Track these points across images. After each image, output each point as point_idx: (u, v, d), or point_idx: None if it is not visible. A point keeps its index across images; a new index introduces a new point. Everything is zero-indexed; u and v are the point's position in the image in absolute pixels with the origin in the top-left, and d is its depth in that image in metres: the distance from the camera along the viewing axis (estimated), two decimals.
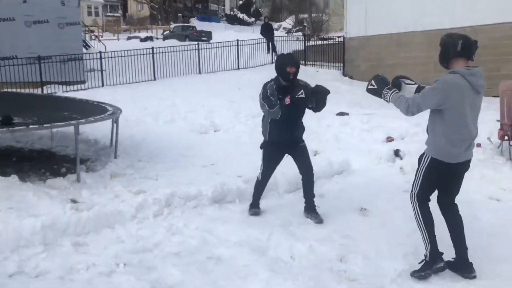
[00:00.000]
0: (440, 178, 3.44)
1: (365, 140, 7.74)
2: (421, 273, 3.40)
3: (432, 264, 3.41)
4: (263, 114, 4.70)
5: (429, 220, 3.44)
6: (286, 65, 4.42)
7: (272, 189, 5.43)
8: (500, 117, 7.03)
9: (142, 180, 5.75)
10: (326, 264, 3.69)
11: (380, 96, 3.55)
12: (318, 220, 4.56)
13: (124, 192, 5.17)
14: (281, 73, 4.46)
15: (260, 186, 4.86)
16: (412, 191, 3.50)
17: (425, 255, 3.45)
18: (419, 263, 3.47)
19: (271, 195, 5.39)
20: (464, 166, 3.47)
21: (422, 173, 3.45)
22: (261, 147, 4.77)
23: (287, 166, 4.92)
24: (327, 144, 7.71)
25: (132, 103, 10.40)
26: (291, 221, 4.59)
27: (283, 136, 4.56)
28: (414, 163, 6.34)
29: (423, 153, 3.50)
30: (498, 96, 7.45)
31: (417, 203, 3.46)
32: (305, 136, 4.82)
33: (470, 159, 3.48)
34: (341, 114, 9.48)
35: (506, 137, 6.73)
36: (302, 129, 4.75)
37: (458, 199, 3.69)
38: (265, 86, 4.52)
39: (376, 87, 3.56)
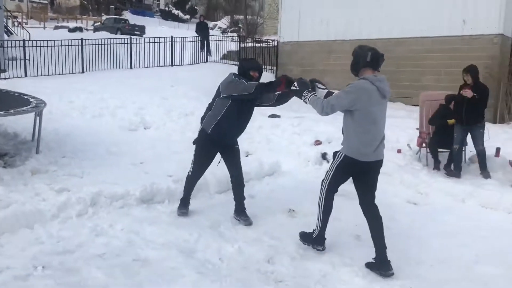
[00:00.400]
0: (349, 173, 3.85)
1: (295, 142, 7.92)
2: (303, 241, 4.03)
3: (314, 243, 3.96)
4: (209, 106, 4.62)
5: (329, 207, 3.92)
6: (250, 69, 4.49)
7: (202, 189, 5.39)
8: (419, 126, 7.50)
9: (66, 178, 5.47)
10: (254, 265, 3.73)
11: (300, 97, 3.89)
12: (248, 222, 4.60)
13: (46, 190, 4.89)
14: (244, 77, 4.45)
15: (191, 180, 4.77)
16: (324, 179, 3.93)
17: (313, 231, 3.98)
18: (307, 233, 4.04)
19: (201, 195, 5.35)
20: (375, 165, 3.79)
21: (335, 167, 3.84)
22: (193, 143, 4.70)
23: (216, 166, 4.90)
24: (258, 145, 7.80)
25: (58, 96, 9.86)
26: (221, 222, 4.58)
27: (228, 134, 4.52)
28: None
29: (338, 150, 3.87)
30: (418, 105, 7.95)
31: (325, 190, 3.89)
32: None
33: (381, 159, 3.81)
34: (273, 116, 9.64)
35: (424, 144, 7.20)
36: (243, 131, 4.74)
37: (378, 202, 3.90)
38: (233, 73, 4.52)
39: (298, 89, 3.92)
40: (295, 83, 3.96)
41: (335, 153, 3.91)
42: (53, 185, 5.06)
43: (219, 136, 4.50)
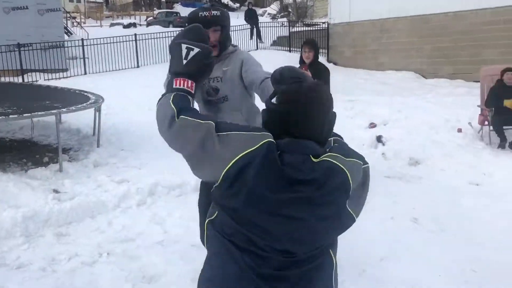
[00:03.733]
0: None
1: (348, 126, 7.77)
2: None
3: None
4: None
5: None
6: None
7: None
8: (480, 103, 7.13)
9: (125, 169, 5.71)
10: None
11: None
12: None
13: (107, 181, 5.13)
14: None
15: None
16: None
17: None
18: None
19: None
20: None
21: None
22: None
23: None
24: None
25: (115, 91, 10.27)
26: None
27: None
28: (396, 148, 6.48)
29: None
30: (479, 81, 7.56)
31: None
32: None
33: None
34: None
35: (486, 122, 6.84)
36: None
37: (438, 184, 3.76)
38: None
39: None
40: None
41: None
42: (113, 176, 5.30)
43: None
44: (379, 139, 6.90)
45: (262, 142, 1.35)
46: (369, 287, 3.20)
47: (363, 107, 8.75)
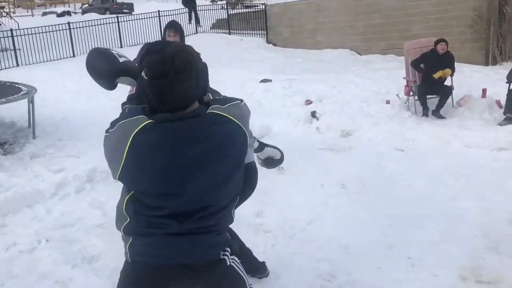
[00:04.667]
0: None
1: (286, 104, 8.05)
2: None
3: None
4: None
5: None
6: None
7: None
8: (405, 74, 7.59)
9: (63, 159, 5.67)
10: (245, 219, 3.93)
11: None
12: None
13: (44, 171, 5.10)
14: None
15: None
16: None
17: None
18: None
19: None
20: None
21: None
22: None
23: None
24: (251, 110, 7.92)
25: (51, 82, 10.01)
26: None
27: None
28: (329, 122, 6.82)
29: None
30: None
31: None
32: None
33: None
34: (265, 80, 9.72)
35: (411, 93, 7.31)
36: None
37: (366, 151, 4.08)
38: None
39: None
40: None
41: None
42: (51, 166, 5.26)
43: None
44: (313, 114, 7.21)
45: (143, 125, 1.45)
46: (298, 249, 3.46)
47: (300, 86, 9.04)
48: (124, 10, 26.47)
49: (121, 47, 15.58)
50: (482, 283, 2.77)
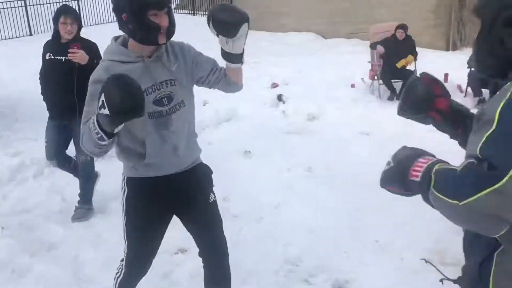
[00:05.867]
0: None
1: (251, 87, 7.96)
2: None
3: None
4: None
5: None
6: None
7: None
8: (370, 58, 7.65)
9: (20, 142, 5.44)
10: None
11: None
12: None
13: (1, 155, 4.88)
14: None
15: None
16: None
17: None
18: None
19: None
20: None
21: None
22: None
23: None
24: (215, 93, 7.79)
25: (6, 62, 9.55)
26: None
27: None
28: (295, 106, 6.80)
29: None
30: None
31: None
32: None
33: None
34: None
35: (376, 77, 7.38)
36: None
37: (331, 136, 4.08)
38: None
39: None
40: None
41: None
42: (7, 150, 5.04)
43: None
44: (279, 97, 7.17)
45: None
46: (265, 233, 3.45)
47: (266, 68, 8.98)
48: None
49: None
50: (446, 265, 2.82)
